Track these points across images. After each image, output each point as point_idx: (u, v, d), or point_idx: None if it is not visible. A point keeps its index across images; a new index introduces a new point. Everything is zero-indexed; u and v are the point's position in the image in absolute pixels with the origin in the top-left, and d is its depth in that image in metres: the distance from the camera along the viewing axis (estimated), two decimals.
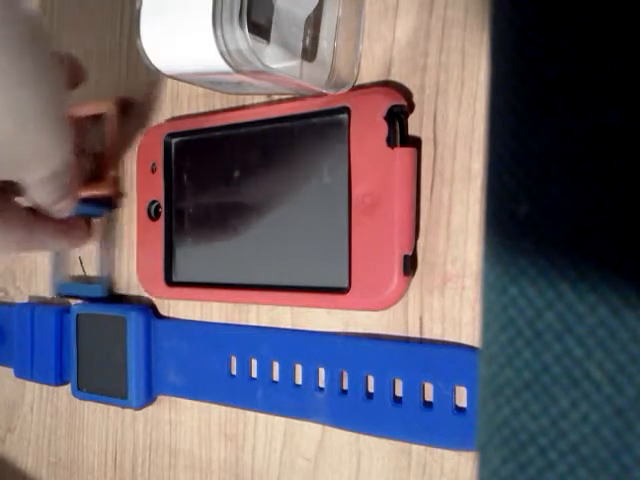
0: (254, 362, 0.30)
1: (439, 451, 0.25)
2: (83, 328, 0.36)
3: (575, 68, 0.15)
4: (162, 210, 0.33)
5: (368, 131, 0.25)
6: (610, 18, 0.15)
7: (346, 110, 0.26)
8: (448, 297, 0.25)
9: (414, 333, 0.26)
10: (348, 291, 0.26)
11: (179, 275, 0.32)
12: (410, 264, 0.25)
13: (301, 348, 0.28)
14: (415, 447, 0.26)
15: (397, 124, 0.25)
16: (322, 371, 0.28)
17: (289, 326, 0.29)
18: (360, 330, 0.27)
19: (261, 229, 0.29)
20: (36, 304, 0.40)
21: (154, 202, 0.33)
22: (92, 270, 0.39)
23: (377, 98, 0.25)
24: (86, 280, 0.39)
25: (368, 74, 0.27)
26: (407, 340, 0.26)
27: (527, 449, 0.15)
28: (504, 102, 0.16)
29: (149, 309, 0.34)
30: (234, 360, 0.31)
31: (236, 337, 0.31)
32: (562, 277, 0.15)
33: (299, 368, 0.29)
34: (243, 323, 0.31)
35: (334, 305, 0.27)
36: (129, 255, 0.36)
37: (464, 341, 0.25)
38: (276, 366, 0.29)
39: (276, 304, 0.30)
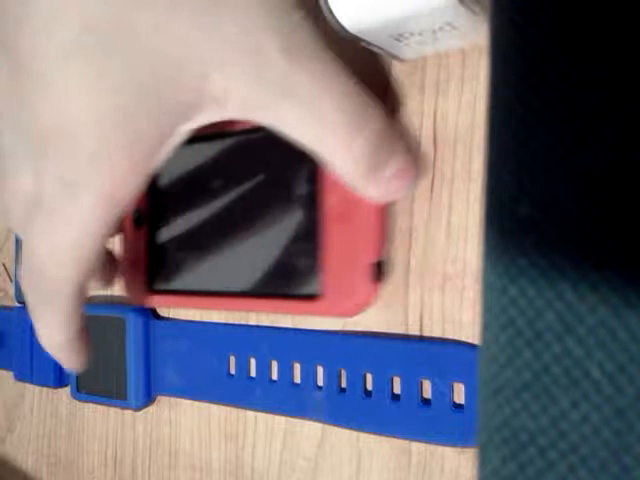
0: (253, 361, 0.30)
1: (439, 451, 0.25)
2: None
3: (576, 67, 0.15)
4: (146, 219, 0.33)
5: None
6: (612, 17, 0.15)
7: None
8: (448, 297, 0.25)
9: (414, 333, 0.26)
10: (319, 298, 0.27)
11: (161, 283, 0.33)
12: (379, 271, 0.26)
13: (299, 347, 0.28)
14: (415, 447, 0.26)
15: None
16: (320, 370, 0.28)
17: (289, 326, 0.29)
18: (360, 329, 0.27)
19: (238, 238, 0.30)
20: None
21: (139, 211, 0.34)
22: None
23: None
24: None
25: (368, 73, 0.27)
26: (409, 339, 0.26)
27: (527, 449, 0.15)
28: (504, 102, 0.16)
29: (148, 310, 0.34)
30: (232, 360, 0.31)
31: (234, 337, 0.31)
32: (562, 277, 0.15)
33: (297, 367, 0.29)
34: (243, 323, 0.31)
35: (306, 311, 0.28)
36: None
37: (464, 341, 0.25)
38: (275, 365, 0.29)
39: (251, 311, 0.30)
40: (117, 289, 0.37)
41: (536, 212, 0.15)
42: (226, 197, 0.30)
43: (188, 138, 0.30)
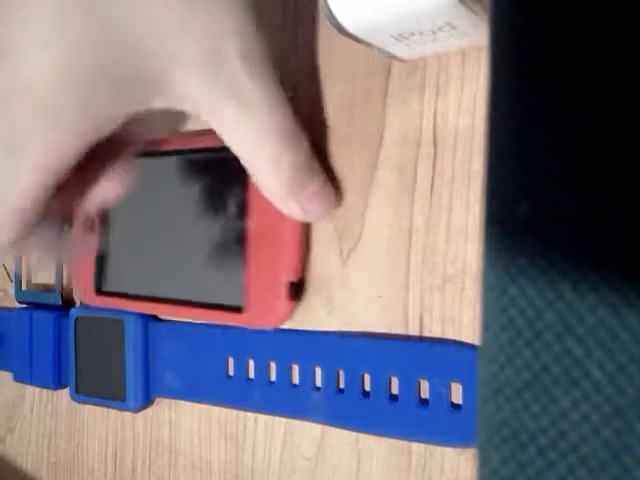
0: (251, 363, 0.30)
1: (439, 451, 0.25)
2: (82, 331, 0.36)
3: (576, 66, 0.15)
4: (97, 224, 0.35)
5: None
6: (612, 15, 0.15)
7: None
8: (448, 297, 0.25)
9: (414, 333, 0.26)
10: (243, 310, 0.28)
11: (107, 285, 0.34)
12: (296, 290, 0.28)
13: (297, 348, 0.29)
14: (415, 447, 0.26)
15: None
16: (318, 370, 0.28)
17: (287, 327, 0.29)
18: (359, 330, 0.27)
19: (176, 250, 0.32)
20: (34, 308, 0.40)
21: (91, 216, 0.35)
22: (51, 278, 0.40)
23: None
24: (45, 288, 0.41)
25: (368, 73, 0.27)
26: (406, 339, 0.26)
27: (527, 449, 0.15)
28: (504, 102, 0.16)
29: None
30: (231, 361, 0.31)
31: (233, 338, 0.31)
32: (562, 277, 0.15)
33: (296, 368, 0.29)
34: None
35: (232, 321, 0.29)
36: None
37: (464, 341, 0.25)
38: (273, 366, 0.29)
39: (185, 318, 0.32)
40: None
41: (536, 212, 0.15)
42: (168, 210, 0.32)
43: (142, 152, 0.31)
